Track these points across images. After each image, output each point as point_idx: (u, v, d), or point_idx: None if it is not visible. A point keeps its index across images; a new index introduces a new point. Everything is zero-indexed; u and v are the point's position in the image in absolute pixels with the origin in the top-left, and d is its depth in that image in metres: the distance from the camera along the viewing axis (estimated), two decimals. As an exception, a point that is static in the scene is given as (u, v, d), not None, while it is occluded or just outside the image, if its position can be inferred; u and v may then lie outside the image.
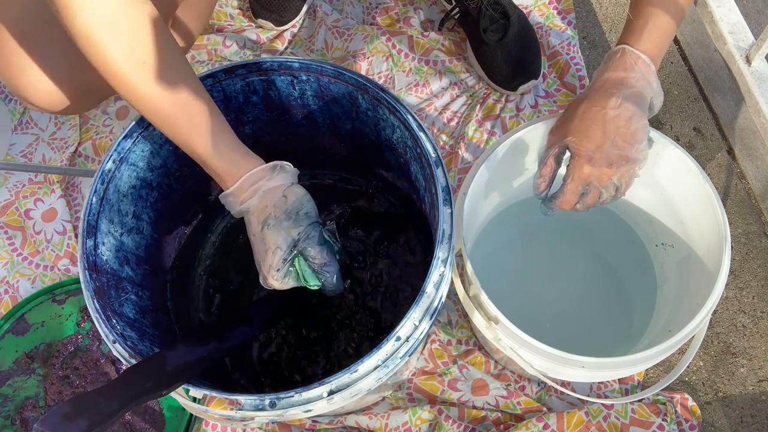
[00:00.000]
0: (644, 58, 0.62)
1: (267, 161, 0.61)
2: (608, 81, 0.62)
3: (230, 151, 0.59)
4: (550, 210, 0.65)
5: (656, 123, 1.00)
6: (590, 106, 0.61)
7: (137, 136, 0.63)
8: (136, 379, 0.51)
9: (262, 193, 0.59)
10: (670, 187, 0.73)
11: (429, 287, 0.54)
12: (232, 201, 0.60)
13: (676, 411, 0.79)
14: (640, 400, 0.80)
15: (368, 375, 0.52)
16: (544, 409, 0.80)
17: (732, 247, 0.75)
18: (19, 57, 0.68)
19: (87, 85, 0.72)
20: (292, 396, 0.51)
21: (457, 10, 0.97)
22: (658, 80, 0.63)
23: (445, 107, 0.98)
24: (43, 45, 0.69)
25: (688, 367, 0.81)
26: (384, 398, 0.82)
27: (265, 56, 1.01)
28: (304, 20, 1.06)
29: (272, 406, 0.51)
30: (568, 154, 0.63)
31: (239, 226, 0.81)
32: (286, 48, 1.04)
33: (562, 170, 0.65)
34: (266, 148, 0.76)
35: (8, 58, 0.69)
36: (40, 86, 0.70)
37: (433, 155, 0.59)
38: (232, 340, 0.64)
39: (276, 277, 0.59)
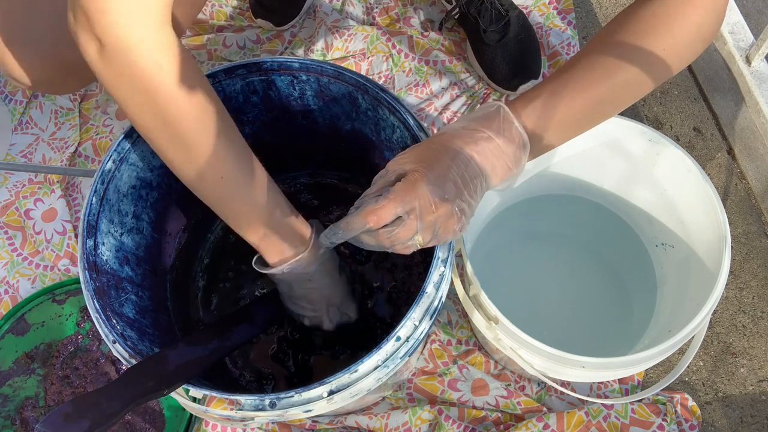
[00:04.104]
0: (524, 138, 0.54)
1: (267, 162, 0.61)
2: (475, 133, 0.53)
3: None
4: (339, 230, 0.54)
5: (656, 123, 1.00)
6: (444, 142, 0.53)
7: (137, 136, 0.63)
8: (138, 378, 0.51)
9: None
10: (670, 187, 0.73)
11: (429, 287, 0.54)
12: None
13: (676, 411, 0.79)
14: (640, 400, 0.80)
15: (368, 375, 0.52)
16: (544, 409, 0.80)
17: (732, 247, 0.75)
18: (3, 32, 0.68)
19: (70, 64, 0.71)
20: (292, 396, 0.51)
21: (457, 10, 0.97)
22: (521, 166, 0.55)
23: (445, 107, 0.98)
24: (26, 19, 0.68)
25: (688, 367, 0.81)
26: (384, 398, 0.82)
27: (265, 56, 1.01)
28: (304, 20, 1.06)
29: (272, 406, 0.51)
30: None
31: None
32: (285, 48, 1.04)
33: None
34: (266, 148, 0.76)
35: None
36: (21, 61, 0.69)
37: (433, 155, 0.59)
38: (233, 339, 0.64)
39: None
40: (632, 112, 1.00)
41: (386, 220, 0.51)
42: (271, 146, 0.76)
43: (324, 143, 0.76)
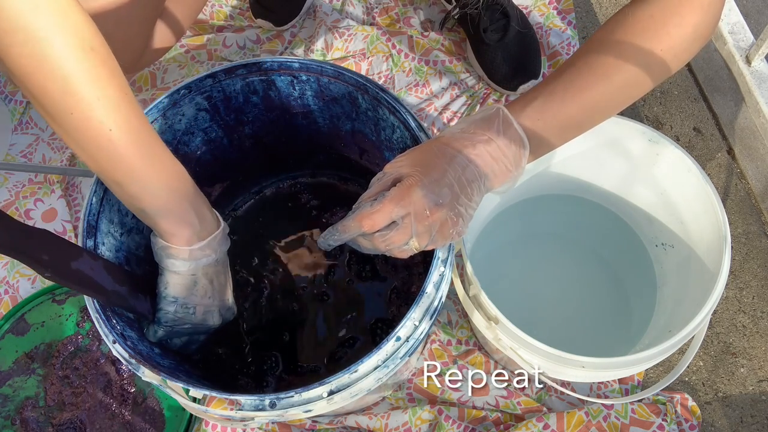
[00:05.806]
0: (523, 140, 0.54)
1: (267, 162, 0.61)
2: (474, 135, 0.53)
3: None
4: (336, 233, 0.55)
5: (656, 123, 1.00)
6: (442, 145, 0.53)
7: (137, 136, 0.63)
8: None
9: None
10: (670, 187, 0.73)
11: (429, 287, 0.54)
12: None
13: (676, 411, 0.79)
14: (640, 400, 0.80)
15: (368, 375, 0.52)
16: (544, 409, 0.80)
17: (732, 247, 0.75)
18: None
19: None
20: (292, 396, 0.51)
21: (457, 10, 0.97)
22: (521, 168, 0.54)
23: (445, 107, 0.98)
24: None
25: (688, 367, 0.81)
26: (384, 398, 0.82)
27: (265, 56, 1.01)
28: (304, 20, 1.06)
29: (272, 406, 0.51)
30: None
31: (234, 226, 0.81)
32: (285, 48, 1.04)
33: None
34: (266, 148, 0.76)
35: None
36: None
37: (433, 155, 0.59)
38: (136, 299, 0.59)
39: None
40: (632, 112, 1.00)
41: (381, 224, 0.52)
42: (271, 146, 0.76)
43: (324, 143, 0.76)
